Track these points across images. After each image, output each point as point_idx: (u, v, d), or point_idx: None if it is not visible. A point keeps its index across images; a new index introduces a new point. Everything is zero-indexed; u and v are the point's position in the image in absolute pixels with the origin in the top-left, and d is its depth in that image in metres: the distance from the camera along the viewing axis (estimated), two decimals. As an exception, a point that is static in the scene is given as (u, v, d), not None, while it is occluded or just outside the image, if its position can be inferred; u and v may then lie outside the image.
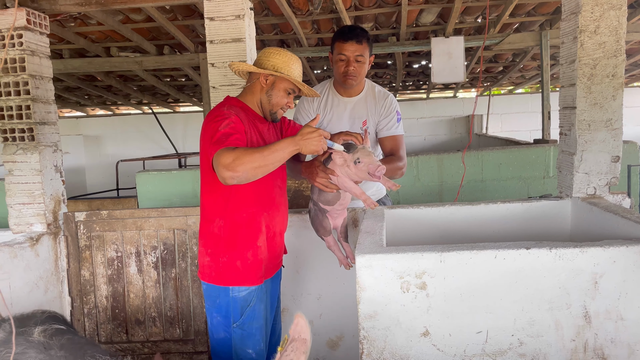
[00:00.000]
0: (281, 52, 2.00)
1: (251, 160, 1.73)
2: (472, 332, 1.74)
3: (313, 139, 1.80)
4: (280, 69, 1.97)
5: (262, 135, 2.04)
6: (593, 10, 2.33)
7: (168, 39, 5.29)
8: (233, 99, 2.07)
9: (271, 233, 2.08)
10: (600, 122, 2.39)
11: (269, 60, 1.99)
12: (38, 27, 2.76)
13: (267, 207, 2.05)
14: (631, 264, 1.69)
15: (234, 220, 1.99)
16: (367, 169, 1.91)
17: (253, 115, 2.04)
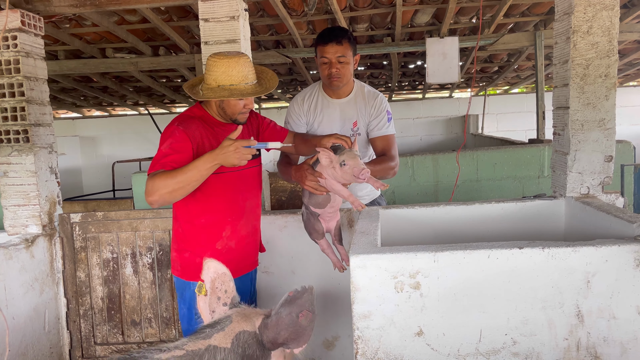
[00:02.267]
0: (218, 61, 1.97)
1: (165, 186, 1.86)
2: (466, 331, 1.75)
3: (230, 152, 1.85)
4: (221, 82, 1.97)
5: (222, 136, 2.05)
6: (586, 11, 2.34)
7: (163, 40, 5.28)
8: (196, 107, 2.15)
9: (236, 238, 2.16)
10: (593, 122, 2.41)
11: (211, 74, 1.99)
12: (32, 28, 2.75)
13: (231, 213, 2.14)
14: (623, 263, 1.70)
15: (195, 223, 2.11)
16: (351, 172, 1.93)
17: (214, 122, 2.11)
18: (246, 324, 1.59)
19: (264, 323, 1.58)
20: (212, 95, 1.99)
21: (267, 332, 1.57)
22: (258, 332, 1.58)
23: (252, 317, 1.63)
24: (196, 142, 2.01)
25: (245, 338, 1.56)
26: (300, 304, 1.58)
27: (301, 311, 1.56)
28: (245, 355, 1.53)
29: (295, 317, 1.55)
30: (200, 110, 2.15)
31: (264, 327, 1.57)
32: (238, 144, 1.86)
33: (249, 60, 2.03)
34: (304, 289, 1.61)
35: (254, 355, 1.56)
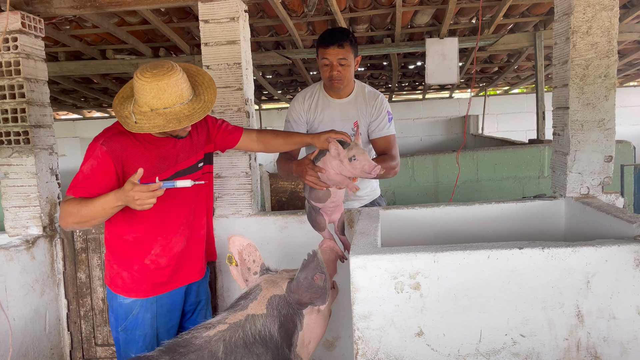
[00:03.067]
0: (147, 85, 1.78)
1: (71, 216, 1.83)
2: (466, 331, 1.75)
3: (130, 198, 1.75)
4: (154, 106, 1.81)
5: (163, 155, 2.02)
6: (585, 11, 2.35)
7: (163, 42, 5.29)
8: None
9: (168, 255, 2.09)
10: (593, 122, 2.41)
11: (141, 97, 1.81)
12: (33, 30, 2.76)
13: (161, 232, 2.07)
14: (623, 263, 1.70)
15: (123, 237, 2.05)
16: (362, 168, 1.94)
17: (148, 138, 1.99)
18: (275, 289, 1.81)
19: (289, 287, 1.81)
20: (147, 125, 1.82)
21: (293, 295, 1.79)
22: (286, 295, 1.80)
23: (279, 282, 1.84)
24: (121, 162, 1.91)
25: (278, 301, 1.78)
26: (312, 268, 1.78)
27: (314, 274, 1.77)
28: (281, 315, 1.76)
29: (311, 279, 1.77)
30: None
31: (289, 291, 1.81)
32: (138, 189, 1.73)
33: (179, 77, 1.82)
34: (312, 254, 1.79)
35: (289, 314, 1.78)
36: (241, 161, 2.68)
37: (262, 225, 2.64)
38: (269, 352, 1.67)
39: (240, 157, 2.68)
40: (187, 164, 2.12)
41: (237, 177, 2.69)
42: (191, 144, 2.15)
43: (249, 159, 2.69)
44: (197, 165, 2.18)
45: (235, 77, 2.64)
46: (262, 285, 1.84)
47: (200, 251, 2.26)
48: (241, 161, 2.68)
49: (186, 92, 1.85)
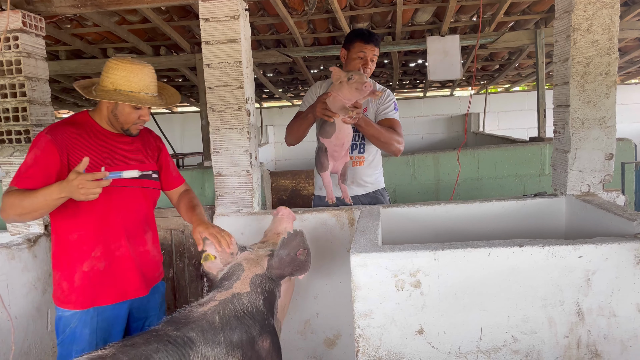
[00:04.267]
0: (120, 65, 1.89)
1: (12, 207, 1.79)
2: (466, 329, 1.75)
3: (74, 187, 1.72)
4: (119, 86, 1.88)
5: (112, 150, 2.00)
6: (586, 9, 2.34)
7: (164, 40, 5.29)
8: (81, 114, 2.03)
9: (107, 260, 2.00)
10: (594, 120, 2.41)
11: (109, 76, 1.89)
12: (34, 29, 2.76)
13: (103, 233, 1.99)
14: (623, 261, 1.70)
15: (65, 239, 1.97)
16: (355, 85, 2.21)
17: (100, 132, 2.00)
18: (256, 267, 1.95)
19: (270, 264, 1.94)
20: (106, 97, 1.87)
21: (274, 271, 1.92)
22: (267, 272, 1.93)
23: (259, 261, 1.98)
24: (66, 152, 1.87)
25: (260, 279, 1.92)
26: (295, 245, 1.93)
27: (298, 250, 1.92)
28: (264, 291, 1.90)
29: (294, 255, 1.92)
30: (85, 117, 2.02)
31: (270, 268, 1.93)
32: (82, 178, 1.71)
33: (153, 72, 1.95)
34: (295, 232, 1.94)
35: (270, 289, 1.93)
36: (242, 159, 2.68)
37: (263, 224, 2.65)
38: (256, 323, 1.82)
39: (241, 156, 2.68)
40: (141, 167, 2.06)
41: (238, 176, 2.69)
42: (146, 151, 2.13)
43: (249, 157, 2.69)
44: (150, 174, 2.15)
45: (236, 76, 2.64)
46: (244, 264, 1.97)
47: (143, 266, 2.12)
48: (242, 159, 2.68)
49: (153, 87, 1.95)
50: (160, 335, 1.67)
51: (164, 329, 1.71)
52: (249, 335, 1.79)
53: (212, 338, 1.71)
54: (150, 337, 1.65)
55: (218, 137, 2.68)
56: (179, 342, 1.65)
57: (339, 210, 2.62)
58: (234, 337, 1.75)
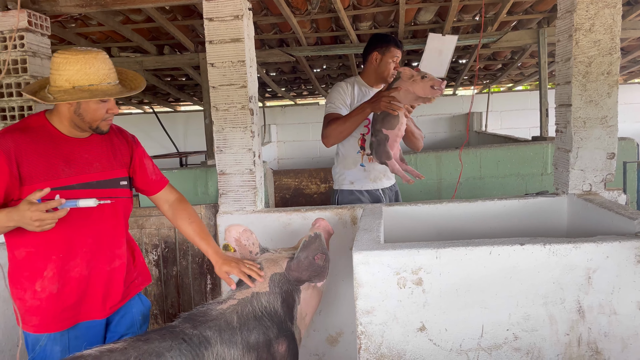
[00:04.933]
0: (71, 57, 1.66)
1: None
2: (467, 326, 1.77)
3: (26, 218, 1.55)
4: (76, 82, 1.66)
5: (71, 158, 1.79)
6: (588, 9, 2.35)
7: (168, 39, 5.31)
8: (35, 117, 1.81)
9: (61, 281, 1.79)
10: (596, 119, 2.42)
11: (61, 74, 1.66)
12: (39, 28, 2.79)
13: (56, 250, 1.77)
14: (624, 259, 1.72)
15: (15, 255, 1.78)
16: (431, 82, 2.47)
17: (55, 136, 1.78)
18: (275, 267, 1.95)
19: (289, 266, 1.95)
20: (68, 97, 1.64)
21: (292, 273, 1.93)
22: (286, 273, 1.94)
23: (278, 261, 1.99)
24: (16, 162, 1.67)
25: (279, 278, 1.93)
26: (314, 249, 1.93)
27: (316, 254, 1.92)
28: (282, 291, 1.91)
29: (312, 259, 1.92)
30: (41, 120, 1.79)
31: (289, 269, 1.94)
32: (37, 209, 1.54)
33: (107, 58, 1.74)
34: (315, 236, 1.95)
35: (289, 291, 1.93)
36: (245, 158, 2.70)
37: (266, 222, 2.67)
38: (274, 325, 1.82)
39: (244, 154, 2.70)
40: (104, 175, 1.87)
41: (241, 174, 2.71)
42: (113, 154, 1.92)
43: (252, 156, 2.71)
44: (117, 181, 1.92)
45: (239, 75, 2.65)
46: (263, 264, 1.98)
47: (113, 282, 1.91)
48: (245, 158, 2.70)
49: (113, 75, 1.74)
50: (176, 332, 1.66)
51: (181, 326, 1.71)
52: (266, 337, 1.79)
53: (230, 338, 1.72)
54: (165, 334, 1.65)
55: (222, 135, 2.70)
56: (194, 341, 1.65)
57: (342, 209, 2.64)
58: (251, 338, 1.75)
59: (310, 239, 1.95)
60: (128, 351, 1.54)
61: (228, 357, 1.69)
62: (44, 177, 1.70)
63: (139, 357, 1.53)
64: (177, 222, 2.08)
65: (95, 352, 1.52)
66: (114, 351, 1.53)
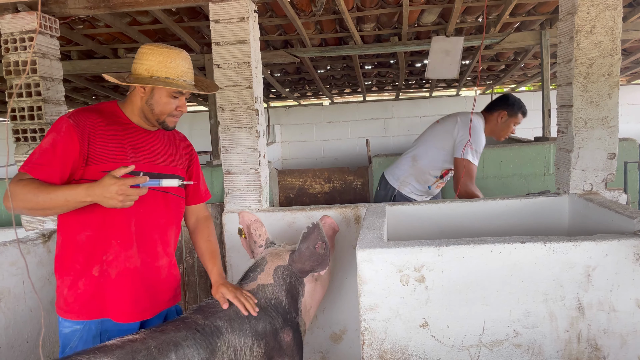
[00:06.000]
0: (155, 50, 1.74)
1: (23, 200, 1.57)
2: (469, 323, 1.80)
3: (111, 193, 1.53)
4: (155, 72, 1.72)
5: (137, 146, 1.81)
6: (589, 11, 2.38)
7: (174, 40, 5.36)
8: (108, 103, 1.85)
9: (118, 268, 1.77)
10: (597, 120, 2.45)
11: (143, 63, 1.73)
12: (48, 30, 2.83)
13: (118, 235, 1.76)
14: (623, 257, 1.75)
15: (74, 239, 1.76)
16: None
17: (126, 124, 1.81)
18: (279, 260, 2.03)
19: (291, 258, 2.03)
20: (144, 82, 1.70)
21: (295, 264, 2.01)
22: (289, 265, 2.02)
23: (282, 254, 2.07)
24: (87, 140, 1.69)
25: (282, 271, 2.00)
26: (313, 238, 2.00)
27: (316, 243, 1.99)
28: (286, 283, 1.98)
29: (313, 248, 1.99)
30: (113, 107, 1.83)
31: (291, 261, 2.02)
32: (122, 183, 1.53)
33: (189, 58, 1.81)
34: (313, 226, 2.01)
35: (292, 282, 2.00)
36: (250, 158, 2.74)
37: (271, 221, 2.71)
38: (279, 315, 1.89)
39: (249, 154, 2.74)
40: (167, 169, 1.90)
41: (247, 174, 2.75)
42: (174, 155, 1.95)
43: (258, 155, 2.75)
44: (180, 178, 1.92)
45: (245, 76, 2.70)
46: (267, 257, 2.07)
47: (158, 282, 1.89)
48: (250, 158, 2.74)
49: (191, 75, 1.79)
50: (188, 323, 1.74)
51: (193, 317, 1.78)
52: (272, 326, 1.86)
53: (239, 327, 1.79)
54: (179, 325, 1.72)
55: (227, 136, 2.74)
56: (207, 331, 1.73)
57: (345, 208, 2.68)
58: (258, 327, 1.83)
59: (309, 230, 2.02)
60: (148, 341, 1.61)
61: (239, 345, 1.76)
62: (112, 160, 1.72)
63: (158, 346, 1.60)
64: (197, 236, 2.07)
65: (118, 342, 1.59)
66: (135, 341, 1.60)
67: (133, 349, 1.56)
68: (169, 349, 1.61)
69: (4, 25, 2.76)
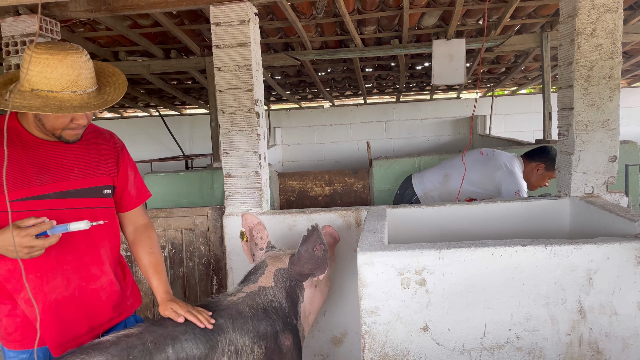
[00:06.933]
0: (34, 57, 1.44)
1: None
2: (470, 326, 1.80)
3: (11, 246, 1.40)
4: (36, 85, 1.44)
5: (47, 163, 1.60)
6: (590, 14, 2.38)
7: (175, 43, 5.37)
8: (2, 118, 1.57)
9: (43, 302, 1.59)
10: (598, 122, 2.45)
11: (24, 72, 1.46)
12: (49, 33, 2.83)
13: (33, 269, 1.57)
14: (624, 260, 1.74)
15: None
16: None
17: (28, 140, 1.58)
18: (279, 263, 2.04)
19: (291, 260, 2.04)
20: (17, 103, 1.42)
21: (295, 267, 2.03)
22: (289, 268, 2.03)
23: (282, 257, 2.09)
24: None
25: (283, 273, 2.02)
26: (312, 241, 2.01)
27: (314, 246, 2.00)
28: (286, 286, 2.00)
29: (312, 251, 2.00)
30: (11, 122, 1.58)
31: (291, 264, 2.04)
32: (26, 234, 1.39)
33: (83, 59, 1.48)
34: (312, 229, 2.02)
35: (293, 286, 2.02)
36: (251, 161, 2.74)
37: (272, 224, 2.70)
38: (279, 318, 1.90)
39: (250, 157, 2.74)
40: (84, 183, 1.67)
41: (247, 177, 2.75)
42: (97, 160, 1.72)
43: (258, 158, 2.75)
44: (99, 190, 1.72)
45: (246, 79, 2.70)
46: (268, 260, 2.08)
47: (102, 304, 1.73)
48: (251, 161, 2.74)
49: (84, 81, 1.48)
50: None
51: None
52: (273, 329, 1.86)
53: (242, 326, 1.79)
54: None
55: (228, 138, 2.74)
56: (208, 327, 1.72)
57: (346, 211, 2.67)
58: (260, 328, 1.83)
59: (309, 232, 2.02)
60: (144, 335, 1.60)
61: (240, 344, 1.76)
62: (14, 186, 1.51)
63: (155, 340, 1.59)
64: (137, 248, 1.86)
65: (112, 338, 1.57)
66: (130, 336, 1.58)
67: (128, 345, 1.55)
68: (166, 342, 1.60)
69: (5, 28, 2.76)
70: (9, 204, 1.46)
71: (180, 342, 1.63)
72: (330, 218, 2.65)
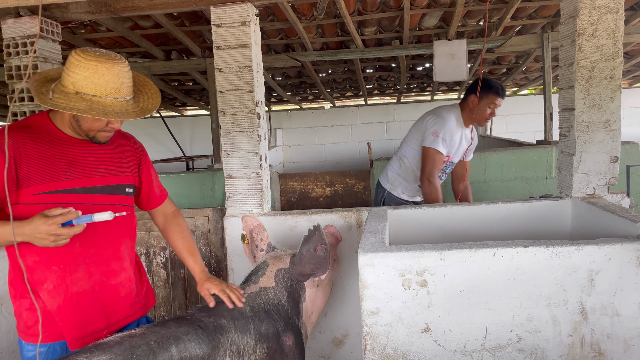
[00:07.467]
0: (83, 62, 1.54)
1: None
2: (472, 328, 1.79)
3: (41, 233, 1.47)
4: (81, 88, 1.54)
5: (74, 160, 1.68)
6: (591, 14, 2.38)
7: (176, 45, 5.38)
8: (37, 116, 1.71)
9: (63, 295, 1.66)
10: (599, 123, 2.44)
11: (69, 75, 1.55)
12: (50, 34, 2.84)
13: (58, 261, 1.65)
14: (626, 261, 1.74)
15: (18, 264, 1.65)
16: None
17: (58, 137, 1.67)
18: (280, 263, 2.05)
19: (292, 261, 2.04)
20: (63, 104, 1.52)
21: (296, 267, 2.02)
22: (290, 268, 2.03)
23: (283, 258, 2.09)
24: (14, 163, 1.55)
25: (284, 274, 2.02)
26: (314, 241, 2.01)
27: (316, 246, 2.00)
28: (287, 286, 2.00)
29: (313, 251, 2.00)
30: (43, 119, 1.68)
31: (292, 264, 2.04)
32: (52, 222, 1.46)
33: (126, 69, 1.59)
34: (314, 229, 2.02)
35: (294, 286, 2.02)
36: (252, 162, 2.74)
37: (272, 225, 2.70)
38: (281, 318, 1.90)
39: (251, 158, 2.74)
40: (109, 180, 1.76)
41: (248, 178, 2.75)
42: (121, 160, 1.82)
43: (259, 159, 2.75)
44: (122, 187, 1.80)
45: (246, 80, 2.70)
46: (269, 261, 2.09)
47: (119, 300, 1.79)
48: (252, 162, 2.74)
49: (125, 89, 1.60)
50: (192, 319, 1.75)
51: (196, 314, 1.80)
52: (275, 329, 1.87)
53: (243, 326, 1.80)
54: (182, 321, 1.73)
55: (229, 139, 2.74)
56: (210, 328, 1.74)
57: (347, 212, 2.67)
58: (262, 328, 1.84)
59: (310, 232, 2.03)
60: (147, 336, 1.60)
61: (242, 344, 1.77)
62: (42, 181, 1.59)
63: (158, 340, 1.60)
64: (169, 234, 2.01)
65: (116, 339, 1.58)
66: (133, 336, 1.59)
67: (132, 345, 1.55)
68: (169, 342, 1.61)
69: (6, 29, 2.77)
70: (37, 196, 1.57)
71: (183, 342, 1.64)
72: (331, 219, 2.65)
